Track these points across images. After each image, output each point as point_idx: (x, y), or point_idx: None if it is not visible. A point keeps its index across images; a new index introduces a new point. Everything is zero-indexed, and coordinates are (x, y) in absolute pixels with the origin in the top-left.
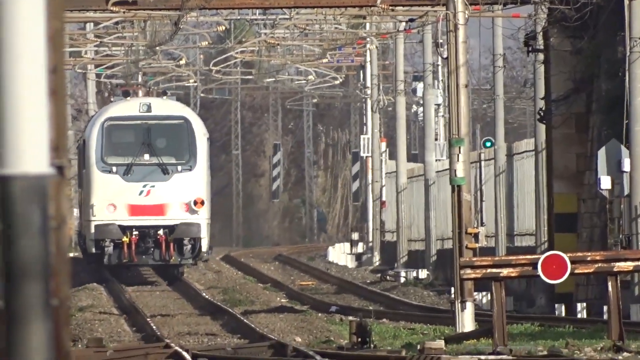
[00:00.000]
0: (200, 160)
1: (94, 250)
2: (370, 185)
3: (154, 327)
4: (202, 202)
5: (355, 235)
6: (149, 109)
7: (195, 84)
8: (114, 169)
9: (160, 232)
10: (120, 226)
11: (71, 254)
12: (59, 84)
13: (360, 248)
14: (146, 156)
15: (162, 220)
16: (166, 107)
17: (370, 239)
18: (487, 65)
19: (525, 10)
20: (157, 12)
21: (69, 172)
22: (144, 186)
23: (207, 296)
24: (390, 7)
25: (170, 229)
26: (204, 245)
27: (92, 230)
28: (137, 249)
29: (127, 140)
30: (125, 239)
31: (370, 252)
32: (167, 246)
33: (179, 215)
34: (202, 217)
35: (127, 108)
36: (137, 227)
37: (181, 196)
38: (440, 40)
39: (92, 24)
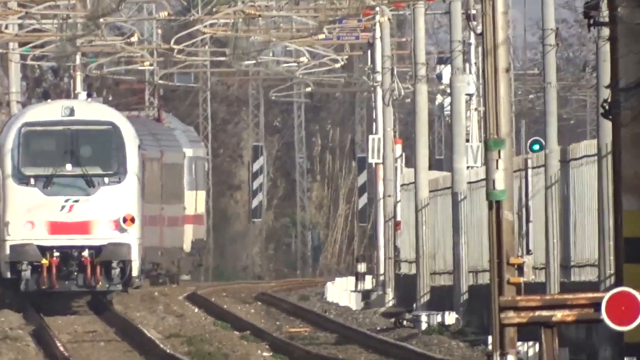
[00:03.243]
0: (130, 170)
1: (9, 274)
2: (381, 201)
3: None
4: (133, 219)
5: (361, 267)
6: (71, 112)
7: (152, 67)
8: (32, 181)
9: (85, 253)
10: (39, 246)
11: None
12: None
13: (368, 284)
14: (68, 166)
15: (87, 240)
16: (91, 110)
17: (382, 271)
18: (535, 44)
19: None
20: None
21: None
22: (66, 201)
23: (166, 348)
24: None
25: (96, 250)
26: (135, 269)
27: (7, 251)
28: (58, 272)
29: (47, 148)
30: (44, 261)
31: (381, 289)
32: (92, 270)
33: (107, 234)
34: (133, 237)
35: (47, 111)
36: (59, 248)
37: (109, 212)
38: (473, 11)
39: None
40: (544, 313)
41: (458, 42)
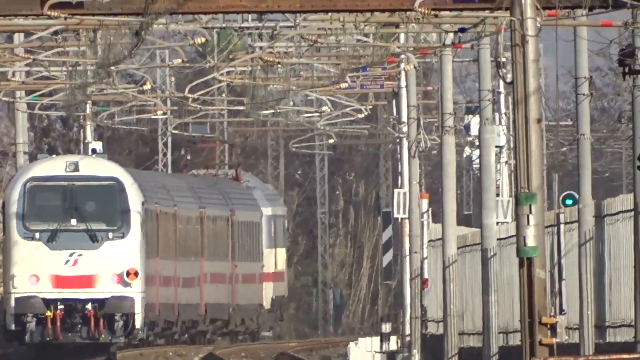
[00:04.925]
0: (134, 226)
1: (14, 326)
2: (407, 258)
3: None
4: (136, 273)
5: (386, 327)
6: (76, 168)
7: (165, 116)
8: (37, 235)
9: (89, 306)
10: (43, 299)
11: None
12: None
13: (393, 344)
14: (73, 221)
15: (90, 294)
16: (96, 166)
17: (408, 331)
18: (568, 93)
19: (620, 16)
20: (112, 19)
21: None
22: (71, 255)
23: None
24: (434, 12)
25: (100, 303)
26: (138, 321)
27: (12, 303)
28: (62, 325)
29: (52, 203)
30: (49, 313)
31: (407, 350)
32: (96, 322)
33: (110, 287)
34: (136, 290)
35: (52, 167)
36: (63, 301)
37: (112, 266)
38: (503, 59)
39: (22, 35)
40: None
41: (487, 91)
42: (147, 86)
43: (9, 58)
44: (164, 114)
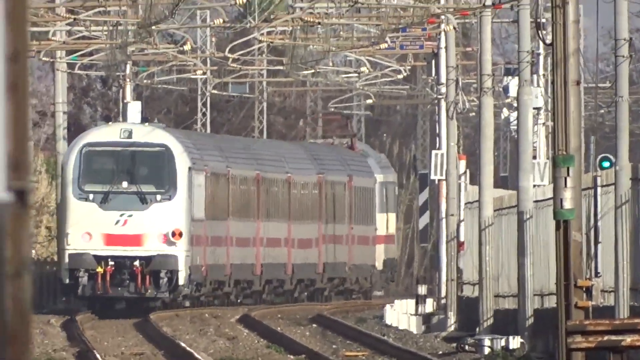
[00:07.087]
0: (180, 189)
1: (67, 280)
2: (443, 220)
3: None
4: (181, 234)
5: (422, 289)
6: (129, 135)
7: (205, 76)
8: (91, 196)
9: (137, 263)
10: (95, 256)
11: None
12: (20, 76)
13: (429, 306)
14: (124, 184)
15: (138, 251)
16: (148, 133)
17: (443, 293)
18: (607, 55)
19: None
20: None
21: (33, 196)
22: (121, 215)
23: None
24: None
25: (146, 260)
26: (182, 278)
27: (67, 259)
28: (112, 280)
29: (106, 167)
30: (99, 269)
31: (443, 312)
32: (142, 278)
33: (156, 246)
34: (181, 249)
35: (107, 133)
36: (113, 258)
37: (159, 226)
38: (543, 20)
39: None
40: (613, 337)
41: (526, 53)
42: (188, 46)
43: (51, 18)
44: (204, 73)
